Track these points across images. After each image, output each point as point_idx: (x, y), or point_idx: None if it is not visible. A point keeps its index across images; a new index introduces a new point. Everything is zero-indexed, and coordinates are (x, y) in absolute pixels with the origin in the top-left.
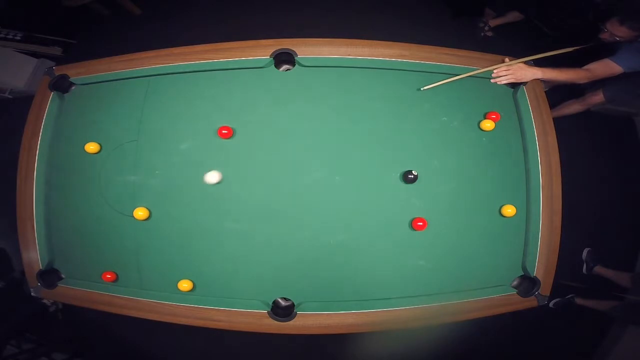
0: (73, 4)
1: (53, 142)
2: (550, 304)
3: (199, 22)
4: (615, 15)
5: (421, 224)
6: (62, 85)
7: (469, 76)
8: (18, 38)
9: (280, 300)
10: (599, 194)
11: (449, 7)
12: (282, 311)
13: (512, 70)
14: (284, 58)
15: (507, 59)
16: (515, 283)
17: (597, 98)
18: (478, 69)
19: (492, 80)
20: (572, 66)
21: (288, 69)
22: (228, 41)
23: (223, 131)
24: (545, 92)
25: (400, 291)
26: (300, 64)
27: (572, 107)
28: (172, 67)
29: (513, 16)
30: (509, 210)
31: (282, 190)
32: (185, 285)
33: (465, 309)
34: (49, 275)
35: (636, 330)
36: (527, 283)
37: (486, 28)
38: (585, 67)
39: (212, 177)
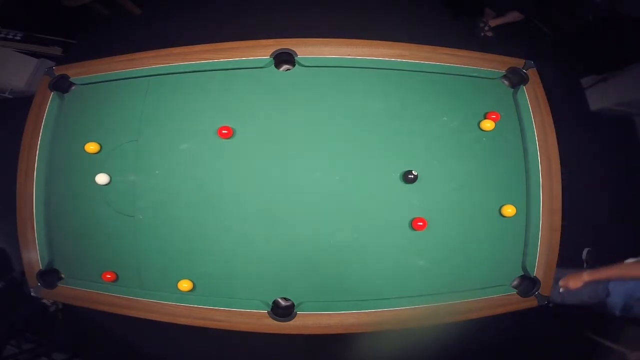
0: (73, 4)
1: (53, 142)
2: (551, 304)
3: (199, 22)
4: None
5: (421, 224)
6: (62, 85)
7: None
8: (18, 38)
9: (280, 300)
10: (599, 194)
11: (449, 7)
12: (282, 311)
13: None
14: (284, 58)
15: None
16: (515, 283)
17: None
18: None
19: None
20: None
21: (288, 69)
22: (228, 41)
23: (223, 131)
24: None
25: (401, 291)
26: (300, 64)
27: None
28: (172, 67)
29: (513, 16)
30: (509, 210)
31: (282, 190)
32: (185, 285)
33: (465, 309)
34: (49, 275)
35: (636, 330)
36: (527, 283)
37: (486, 28)
38: None
39: (102, 178)
